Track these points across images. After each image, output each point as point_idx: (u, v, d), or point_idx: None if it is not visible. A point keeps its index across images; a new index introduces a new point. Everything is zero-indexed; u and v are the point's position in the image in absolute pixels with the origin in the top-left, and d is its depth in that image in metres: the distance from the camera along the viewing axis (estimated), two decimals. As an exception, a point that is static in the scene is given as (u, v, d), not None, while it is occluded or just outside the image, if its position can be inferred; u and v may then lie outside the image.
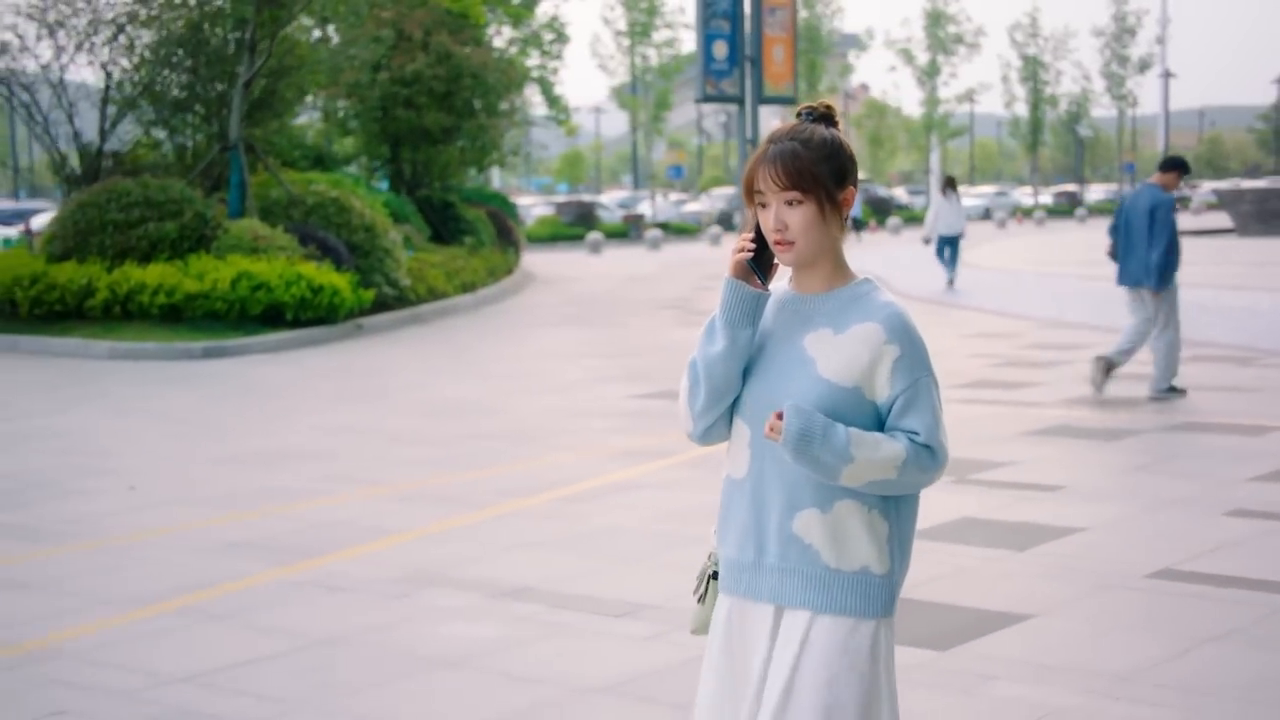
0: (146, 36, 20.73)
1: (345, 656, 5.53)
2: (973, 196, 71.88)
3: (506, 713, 4.90)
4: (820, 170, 2.71)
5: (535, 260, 34.08)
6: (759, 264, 2.76)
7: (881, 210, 60.55)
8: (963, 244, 24.99)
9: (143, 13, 20.60)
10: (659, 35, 55.40)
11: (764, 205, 2.73)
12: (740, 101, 17.38)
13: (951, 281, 24.22)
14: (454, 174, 27.95)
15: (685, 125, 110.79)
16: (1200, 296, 19.39)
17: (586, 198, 61.99)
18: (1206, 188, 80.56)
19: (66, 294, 18.01)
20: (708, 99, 17.59)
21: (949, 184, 24.78)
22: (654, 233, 44.43)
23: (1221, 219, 55.61)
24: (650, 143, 57.25)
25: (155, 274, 17.89)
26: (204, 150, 21.07)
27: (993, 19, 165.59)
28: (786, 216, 2.71)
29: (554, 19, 29.14)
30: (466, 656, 5.49)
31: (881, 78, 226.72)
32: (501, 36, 29.75)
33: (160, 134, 21.51)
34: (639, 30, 54.20)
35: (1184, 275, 11.88)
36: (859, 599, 2.72)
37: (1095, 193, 77.81)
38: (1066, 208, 69.04)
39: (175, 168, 20.96)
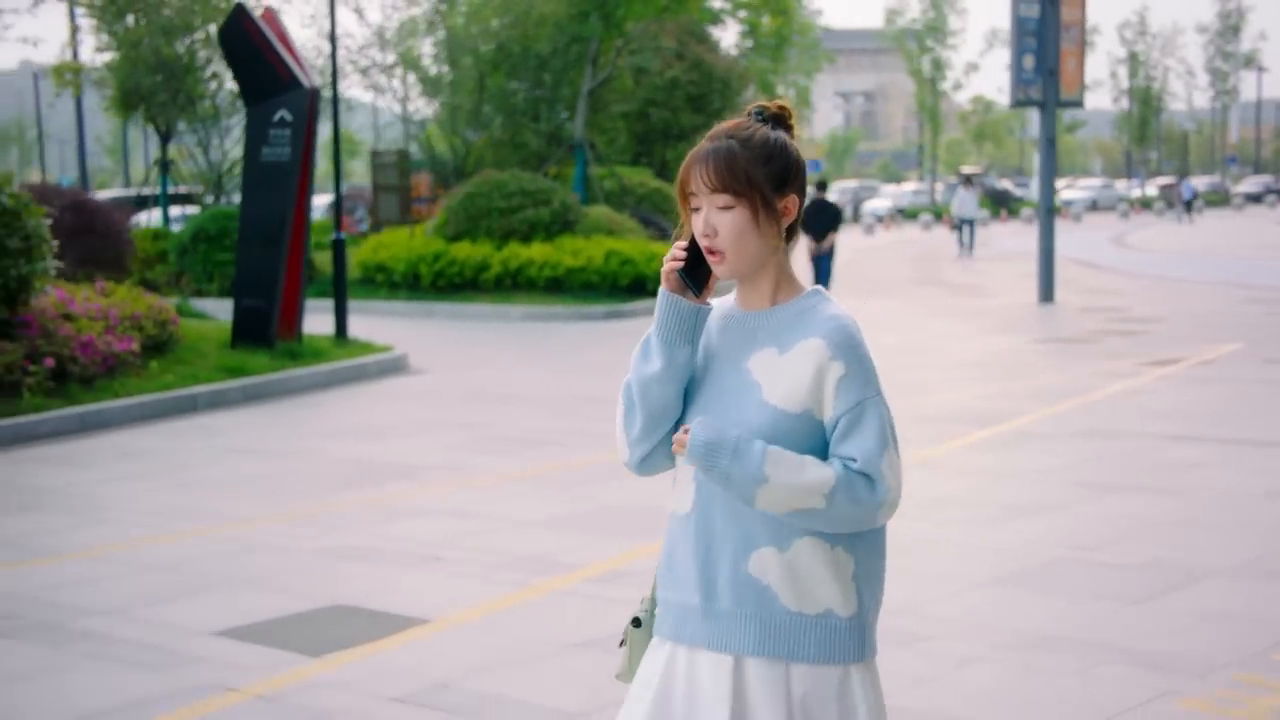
0: (487, 51, 24.29)
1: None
2: (1079, 189, 74.82)
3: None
4: (756, 173, 2.46)
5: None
6: (694, 276, 2.50)
7: (1001, 202, 63.54)
8: (978, 226, 35.55)
9: (477, 29, 24.16)
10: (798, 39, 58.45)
11: (696, 209, 2.50)
12: (1043, 105, 20.62)
13: (970, 250, 33.04)
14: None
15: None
16: None
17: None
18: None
19: (465, 268, 21.53)
20: (1017, 104, 20.83)
21: (967, 180, 32.37)
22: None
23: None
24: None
25: (539, 251, 21.36)
26: (540, 149, 24.56)
27: (1104, 17, 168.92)
28: (717, 221, 2.46)
29: (779, 27, 32.57)
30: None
31: (998, 74, 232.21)
32: (730, 42, 33.09)
33: (502, 136, 25.03)
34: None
35: None
36: (824, 646, 2.48)
37: (1196, 185, 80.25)
38: (1172, 198, 71.69)
39: (515, 163, 24.46)
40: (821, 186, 20.25)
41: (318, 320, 16.27)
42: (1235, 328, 16.54)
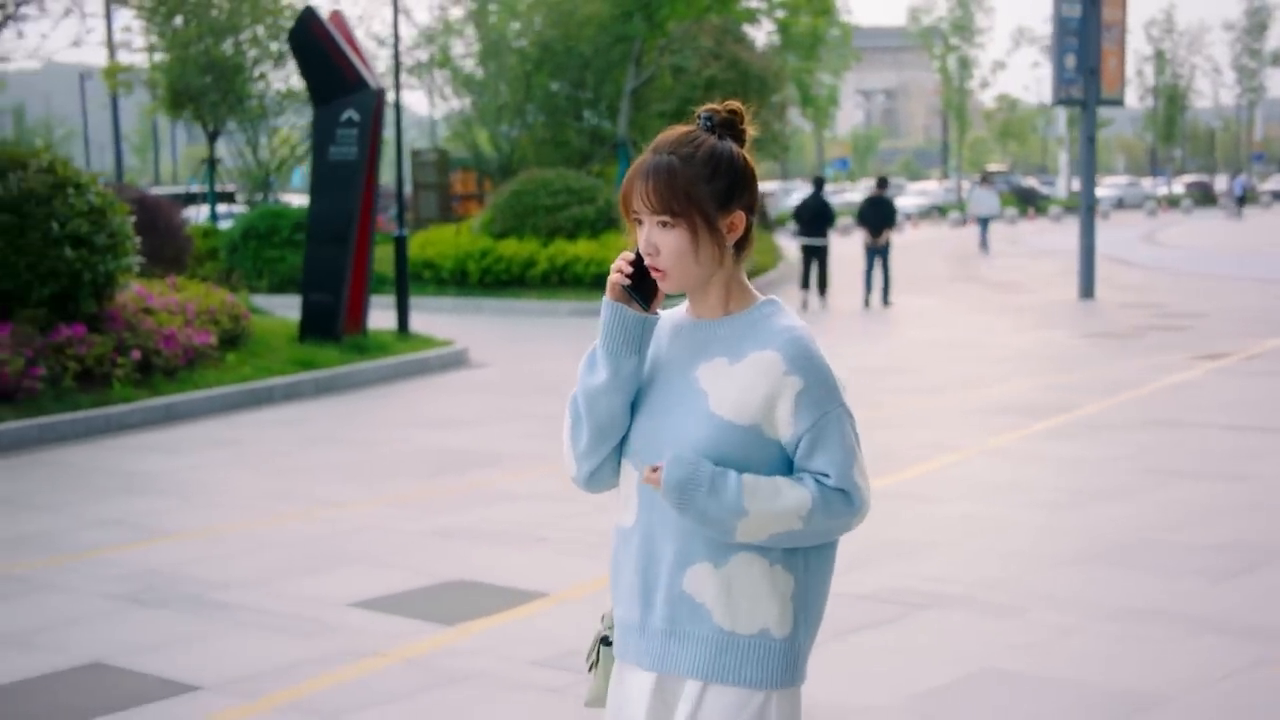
0: (531, 50, 24.65)
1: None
2: (1106, 187, 75.00)
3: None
4: (698, 191, 2.39)
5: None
6: (640, 289, 2.45)
7: (1029, 200, 63.67)
8: (995, 224, 36.94)
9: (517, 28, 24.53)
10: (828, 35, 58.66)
11: (640, 223, 2.44)
12: (1084, 104, 20.88)
13: (986, 248, 33.79)
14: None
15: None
16: None
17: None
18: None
19: (512, 265, 21.85)
20: (1059, 102, 21.13)
21: (985, 177, 34.04)
22: (844, 220, 48.11)
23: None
24: (818, 136, 60.86)
25: (584, 248, 21.68)
26: (582, 147, 24.89)
27: (1132, 15, 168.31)
28: (658, 239, 2.41)
29: (815, 26, 32.86)
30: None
31: (1025, 73, 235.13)
32: (765, 40, 33.36)
33: (545, 135, 25.41)
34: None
35: None
36: (754, 667, 2.41)
37: (1221, 183, 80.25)
38: (1199, 196, 71.77)
39: (558, 162, 24.80)
40: (882, 184, 21.61)
41: (374, 315, 16.60)
42: (1278, 323, 16.77)
